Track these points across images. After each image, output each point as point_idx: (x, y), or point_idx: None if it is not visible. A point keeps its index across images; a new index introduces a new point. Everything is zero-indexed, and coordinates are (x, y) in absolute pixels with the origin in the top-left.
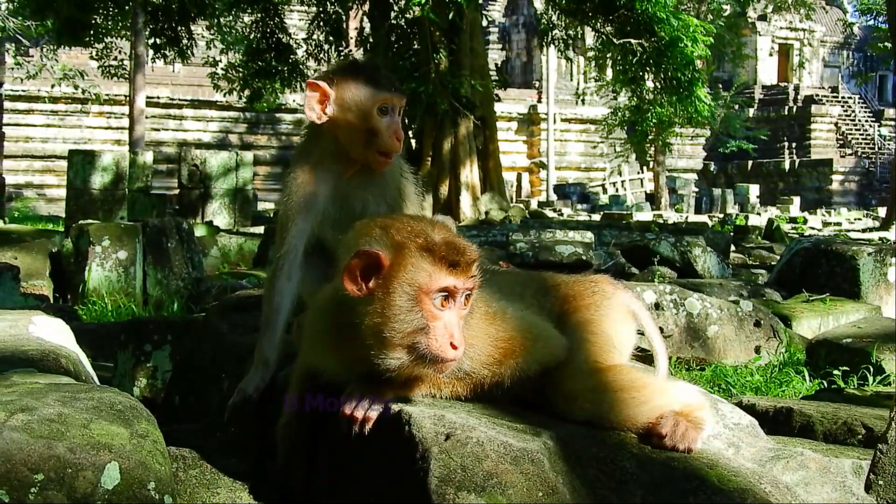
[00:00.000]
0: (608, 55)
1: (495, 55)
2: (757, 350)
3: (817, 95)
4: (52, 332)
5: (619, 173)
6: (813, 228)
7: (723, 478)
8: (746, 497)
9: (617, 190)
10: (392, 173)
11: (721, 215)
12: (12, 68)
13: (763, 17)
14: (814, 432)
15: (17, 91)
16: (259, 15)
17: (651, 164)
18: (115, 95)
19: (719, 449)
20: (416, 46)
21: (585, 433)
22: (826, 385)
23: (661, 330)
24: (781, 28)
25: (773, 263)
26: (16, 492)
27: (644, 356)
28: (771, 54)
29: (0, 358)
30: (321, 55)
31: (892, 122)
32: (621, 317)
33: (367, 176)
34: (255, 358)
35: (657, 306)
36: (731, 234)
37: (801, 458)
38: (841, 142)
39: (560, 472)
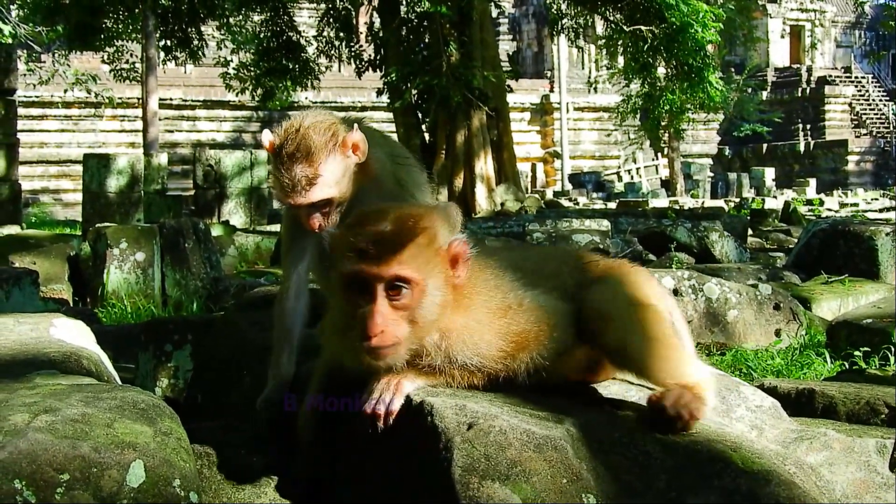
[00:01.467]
0: (619, 43)
1: (506, 46)
2: (777, 333)
3: (830, 76)
4: (73, 334)
5: (634, 160)
6: (830, 210)
7: (747, 460)
8: (771, 478)
9: (632, 177)
10: (381, 167)
11: (737, 199)
12: (24, 74)
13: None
14: (837, 413)
15: (31, 97)
16: (268, 14)
17: (665, 150)
18: (128, 98)
19: (742, 431)
20: (427, 40)
21: (608, 419)
22: (847, 366)
23: None
24: (792, 9)
25: (790, 246)
26: (42, 492)
27: None
28: (783, 36)
29: (22, 360)
30: (332, 52)
31: None
32: (660, 289)
33: (358, 184)
34: (270, 375)
35: (676, 292)
36: (748, 218)
37: (825, 438)
38: (855, 122)
39: (583, 459)
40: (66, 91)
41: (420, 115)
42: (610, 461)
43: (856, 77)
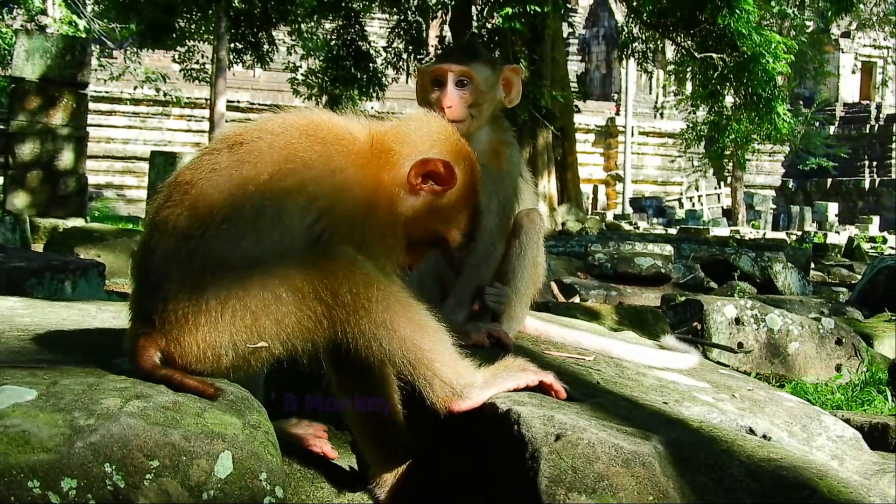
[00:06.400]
0: (688, 69)
1: (575, 66)
2: (838, 368)
3: None
4: None
5: (696, 188)
6: (892, 248)
7: (833, 489)
8: None
9: (693, 205)
10: (511, 171)
11: (799, 233)
12: (96, 70)
13: (846, 34)
14: None
15: (101, 92)
16: (340, 22)
17: (729, 179)
18: (196, 99)
19: (825, 460)
20: (497, 55)
21: (694, 439)
22: None
23: (741, 345)
24: (865, 45)
25: (853, 282)
26: (131, 477)
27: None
28: (854, 72)
29: (108, 345)
30: (400, 64)
31: None
32: None
33: (492, 147)
34: None
35: (738, 321)
36: (811, 251)
37: None
38: None
39: (670, 477)
40: (135, 88)
41: None
42: (696, 481)
43: None
